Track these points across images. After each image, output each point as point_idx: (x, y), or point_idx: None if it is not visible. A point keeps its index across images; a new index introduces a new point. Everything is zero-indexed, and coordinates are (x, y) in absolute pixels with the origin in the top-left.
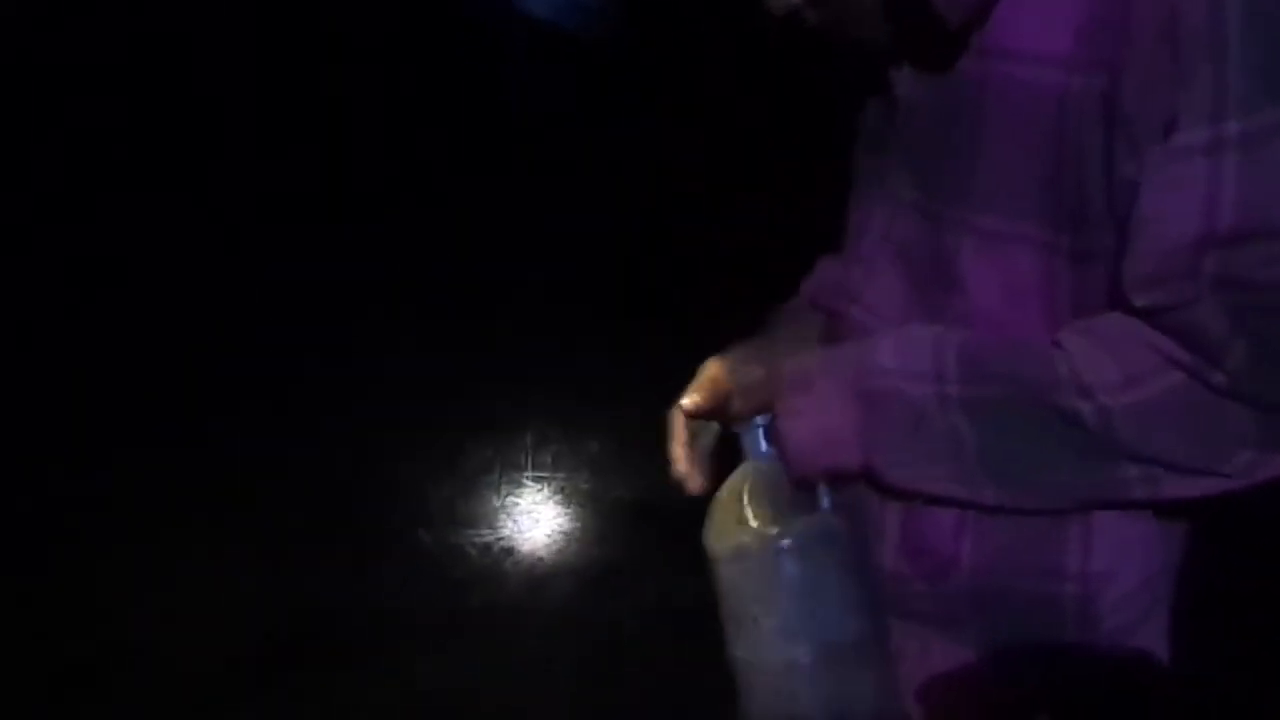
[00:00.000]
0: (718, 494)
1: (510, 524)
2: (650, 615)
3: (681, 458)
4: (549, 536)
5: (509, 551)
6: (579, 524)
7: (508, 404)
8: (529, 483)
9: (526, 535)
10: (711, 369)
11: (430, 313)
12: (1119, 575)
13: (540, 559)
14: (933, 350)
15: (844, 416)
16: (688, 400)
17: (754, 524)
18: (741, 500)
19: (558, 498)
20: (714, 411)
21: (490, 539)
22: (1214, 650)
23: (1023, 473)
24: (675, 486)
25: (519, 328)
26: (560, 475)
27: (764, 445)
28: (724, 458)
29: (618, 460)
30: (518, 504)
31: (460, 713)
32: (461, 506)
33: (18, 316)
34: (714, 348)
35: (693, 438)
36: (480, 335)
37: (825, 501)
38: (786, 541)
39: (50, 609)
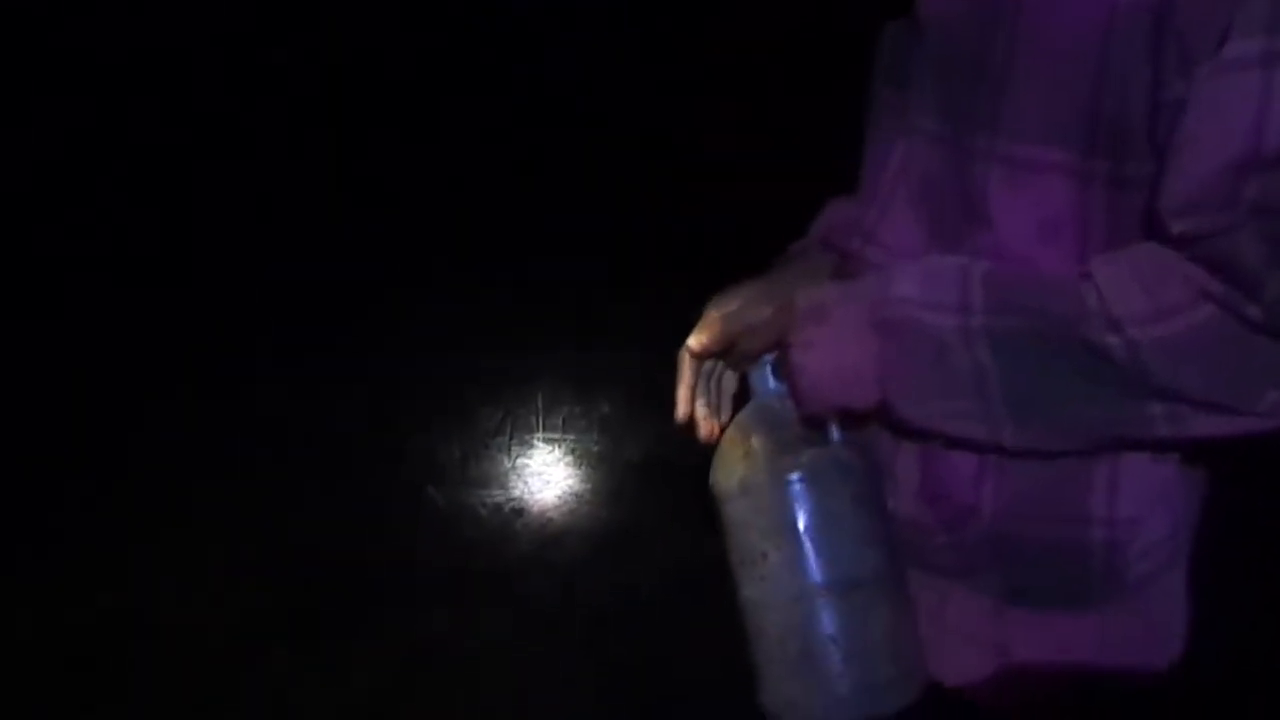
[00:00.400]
0: (724, 434)
1: (521, 485)
2: (662, 578)
3: (686, 400)
4: (559, 498)
5: (519, 512)
6: (590, 485)
7: (519, 365)
8: (540, 444)
9: (537, 496)
10: (718, 307)
11: (441, 274)
12: (1147, 522)
13: (550, 519)
14: (957, 280)
15: (860, 348)
16: (694, 340)
17: (761, 457)
18: (748, 436)
19: (568, 459)
20: (722, 351)
21: (501, 499)
22: (1232, 600)
23: (1046, 409)
24: (682, 430)
25: (530, 289)
26: (571, 436)
27: (772, 382)
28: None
29: (629, 421)
30: (528, 465)
31: (468, 672)
32: (472, 467)
33: (50, 271)
34: None
35: (707, 380)
36: (491, 296)
37: (836, 435)
38: (796, 472)
39: (59, 570)
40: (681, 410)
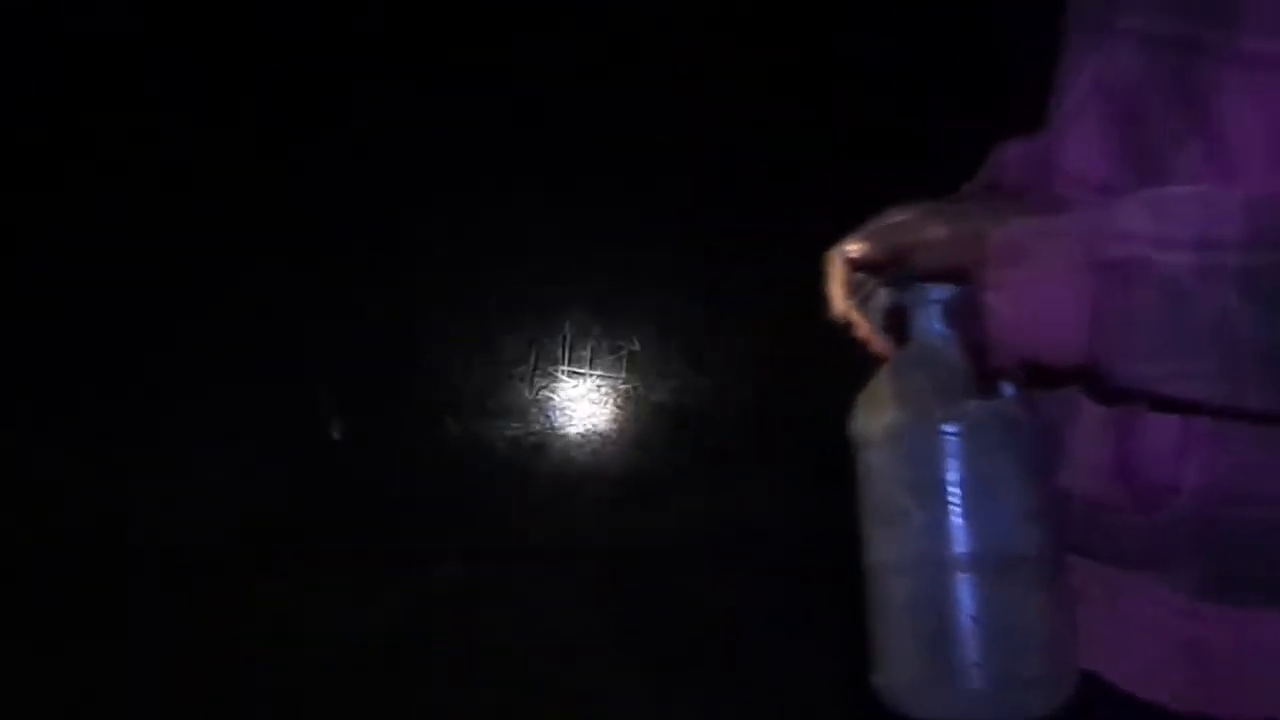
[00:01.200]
0: (875, 374)
1: (542, 419)
2: (684, 531)
3: (841, 297)
4: (582, 436)
5: (539, 448)
6: (615, 426)
7: (546, 293)
8: (564, 378)
9: (559, 433)
10: (891, 217)
11: (473, 195)
12: None
13: (571, 459)
14: (1199, 211)
15: (1070, 293)
16: (853, 245)
17: (916, 402)
18: (903, 378)
19: (593, 396)
20: (885, 264)
21: (520, 433)
22: None
23: None
24: (841, 329)
25: (562, 216)
26: (597, 372)
27: (938, 325)
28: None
29: (659, 363)
30: (551, 399)
31: (477, 611)
32: (492, 397)
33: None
34: (768, 247)
35: (856, 291)
36: (525, 220)
37: (1008, 390)
38: (955, 423)
39: (60, 484)
40: (839, 306)
